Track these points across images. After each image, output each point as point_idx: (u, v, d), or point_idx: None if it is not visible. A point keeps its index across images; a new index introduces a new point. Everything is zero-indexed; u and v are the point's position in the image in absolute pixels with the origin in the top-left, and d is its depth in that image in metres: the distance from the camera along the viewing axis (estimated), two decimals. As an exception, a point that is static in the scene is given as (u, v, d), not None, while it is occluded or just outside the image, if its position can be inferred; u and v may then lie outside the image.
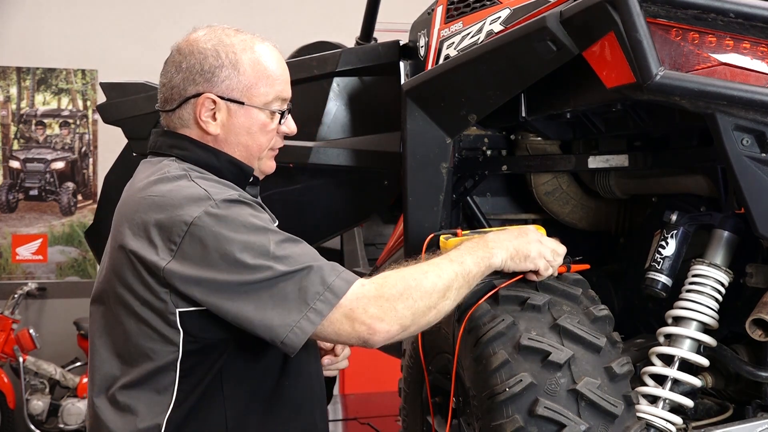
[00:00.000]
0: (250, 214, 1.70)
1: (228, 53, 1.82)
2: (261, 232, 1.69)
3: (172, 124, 1.87)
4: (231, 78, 1.82)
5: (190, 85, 1.83)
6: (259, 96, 1.84)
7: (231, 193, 1.73)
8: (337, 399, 4.55)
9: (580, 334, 1.87)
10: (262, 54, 1.85)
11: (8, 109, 5.70)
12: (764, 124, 1.78)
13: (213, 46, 1.83)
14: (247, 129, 1.85)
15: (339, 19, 5.33)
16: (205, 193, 1.71)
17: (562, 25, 1.94)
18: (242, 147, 1.86)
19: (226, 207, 1.69)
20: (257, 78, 1.84)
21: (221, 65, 1.82)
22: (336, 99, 2.98)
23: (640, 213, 2.59)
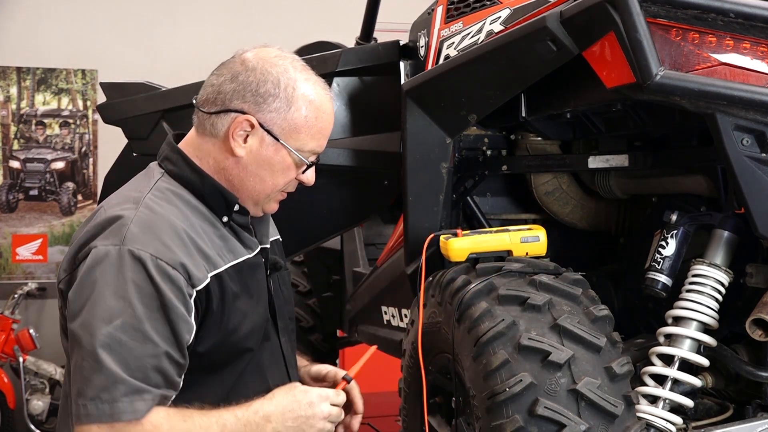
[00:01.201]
0: (132, 279, 1.64)
1: (288, 87, 1.77)
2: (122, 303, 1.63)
3: (201, 126, 1.82)
4: (280, 111, 1.77)
5: (237, 99, 1.77)
6: (297, 141, 1.79)
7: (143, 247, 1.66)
8: (337, 399, 4.54)
9: (580, 334, 1.87)
10: (320, 104, 1.80)
11: (8, 109, 5.70)
12: (764, 124, 1.78)
13: (277, 73, 1.78)
14: (271, 165, 1.81)
15: (339, 19, 5.33)
16: (124, 232, 1.68)
17: (562, 25, 1.94)
18: (259, 179, 1.82)
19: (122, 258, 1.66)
20: (304, 124, 1.79)
21: (276, 95, 1.77)
22: (336, 99, 2.98)
23: (640, 213, 2.59)
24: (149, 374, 1.63)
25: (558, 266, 2.10)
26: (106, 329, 1.61)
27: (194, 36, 5.68)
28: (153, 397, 1.64)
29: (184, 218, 1.75)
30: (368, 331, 3.29)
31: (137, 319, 1.63)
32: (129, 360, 1.62)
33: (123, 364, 1.61)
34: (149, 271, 1.65)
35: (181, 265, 1.68)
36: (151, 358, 1.63)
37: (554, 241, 2.35)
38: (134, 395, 1.61)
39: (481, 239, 2.19)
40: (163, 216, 1.72)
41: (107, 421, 1.61)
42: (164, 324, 1.65)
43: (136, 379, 1.62)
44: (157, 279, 1.65)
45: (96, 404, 1.60)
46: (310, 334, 3.91)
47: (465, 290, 2.01)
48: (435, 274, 2.22)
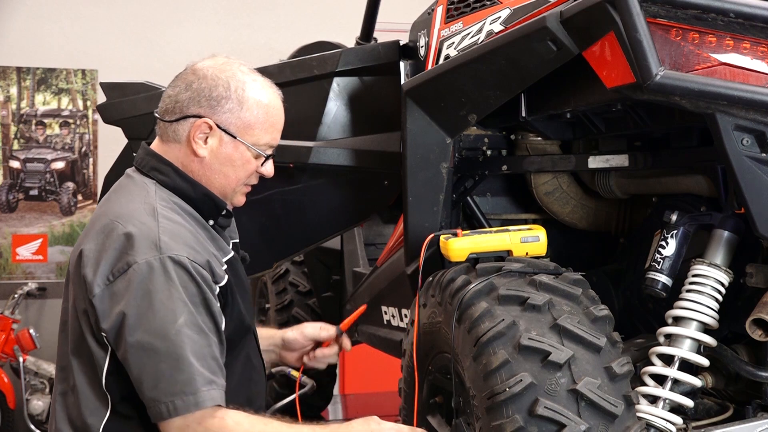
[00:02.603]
0: (179, 282, 1.82)
1: (238, 89, 1.96)
2: (179, 304, 1.81)
3: (165, 135, 1.99)
4: (233, 111, 1.95)
5: (194, 105, 1.95)
6: (252, 136, 1.98)
7: (180, 253, 1.84)
8: (337, 399, 4.56)
9: (580, 334, 1.87)
10: (269, 101, 2.00)
11: (8, 109, 5.70)
12: (764, 124, 1.78)
13: (227, 77, 1.96)
14: (232, 161, 1.98)
15: (339, 19, 5.33)
16: (158, 243, 1.83)
17: (562, 25, 1.94)
18: (223, 175, 2.00)
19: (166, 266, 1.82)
20: (256, 120, 1.97)
21: (228, 97, 1.95)
22: (336, 99, 2.98)
23: (640, 213, 2.59)
24: (211, 363, 1.83)
25: (558, 266, 2.10)
26: (175, 328, 1.80)
27: (194, 36, 5.68)
28: (219, 386, 1.83)
29: (189, 224, 1.94)
30: (368, 331, 3.30)
31: (193, 315, 1.82)
32: (198, 353, 1.81)
33: (196, 357, 1.80)
34: (190, 273, 1.84)
35: (207, 264, 1.89)
36: (208, 348, 1.83)
37: (554, 241, 2.35)
38: (210, 385, 1.81)
39: (481, 239, 2.19)
40: (179, 224, 1.91)
41: (194, 410, 1.79)
42: (208, 317, 1.85)
43: (206, 370, 1.81)
44: (197, 278, 1.85)
45: (181, 398, 1.78)
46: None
47: (465, 290, 2.01)
48: (435, 274, 2.22)
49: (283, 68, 3.05)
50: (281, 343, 2.40)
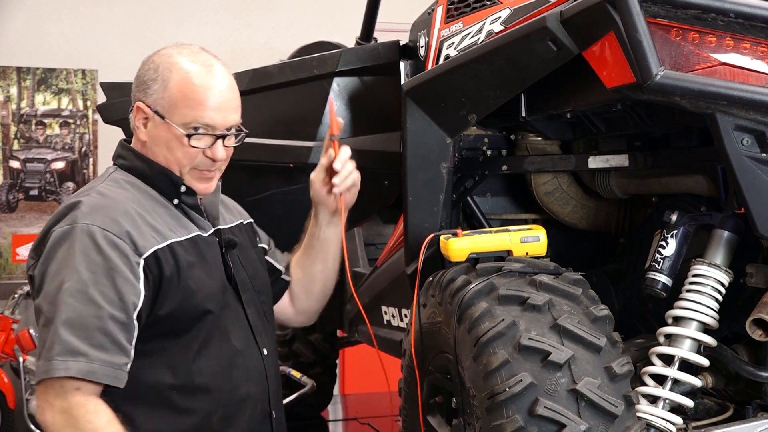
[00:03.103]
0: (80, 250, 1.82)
1: (164, 70, 1.98)
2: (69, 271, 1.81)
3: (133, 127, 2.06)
4: (158, 93, 1.97)
5: (136, 93, 2.03)
6: (177, 115, 1.97)
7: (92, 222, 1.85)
8: (337, 399, 4.55)
9: (581, 334, 1.87)
10: (196, 79, 1.97)
11: (8, 109, 5.70)
12: (764, 124, 1.78)
13: (159, 60, 2.00)
14: (166, 142, 1.99)
15: (339, 19, 5.33)
16: (76, 214, 1.87)
17: (562, 25, 1.94)
18: (162, 157, 2.01)
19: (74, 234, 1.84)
20: (180, 98, 1.96)
21: (155, 79, 1.98)
22: (336, 99, 2.98)
23: (640, 213, 2.59)
24: (93, 334, 1.78)
25: (558, 266, 2.10)
26: (59, 294, 1.79)
27: (194, 36, 5.67)
28: (89, 359, 1.77)
29: (135, 200, 1.95)
30: (368, 331, 3.29)
31: (82, 283, 1.79)
32: (74, 321, 1.77)
33: (69, 325, 1.77)
34: (97, 241, 1.83)
35: (126, 233, 1.86)
36: (94, 318, 1.78)
37: (554, 241, 2.35)
38: (67, 355, 1.76)
39: (481, 239, 2.19)
40: (113, 198, 1.93)
41: (43, 377, 1.78)
42: (111, 288, 1.81)
43: (77, 339, 1.76)
44: (104, 247, 1.83)
45: (40, 362, 1.78)
46: (310, 334, 3.91)
47: (465, 290, 2.01)
48: (435, 274, 2.22)
49: (283, 68, 3.05)
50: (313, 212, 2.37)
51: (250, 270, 2.19)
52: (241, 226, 2.29)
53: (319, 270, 2.43)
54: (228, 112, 2.01)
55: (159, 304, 1.89)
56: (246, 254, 2.21)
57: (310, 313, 2.53)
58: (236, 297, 2.09)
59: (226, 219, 2.20)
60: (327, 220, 2.36)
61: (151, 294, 1.88)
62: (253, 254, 2.27)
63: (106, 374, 1.78)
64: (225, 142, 2.03)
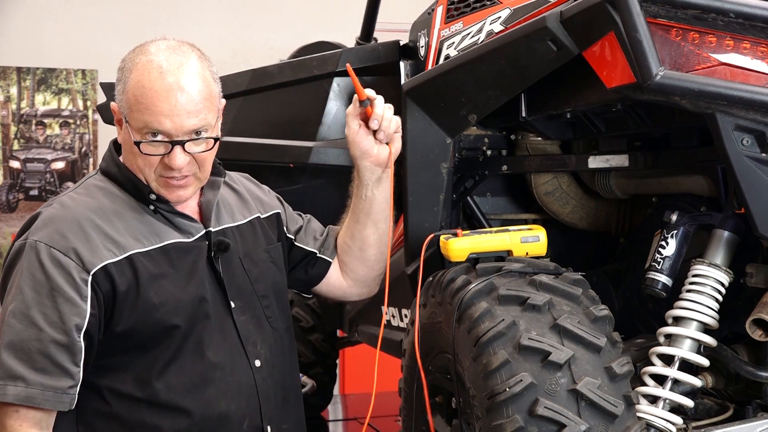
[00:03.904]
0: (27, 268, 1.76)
1: (126, 70, 1.86)
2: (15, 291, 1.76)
3: None
4: (120, 94, 1.87)
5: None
6: (132, 119, 1.84)
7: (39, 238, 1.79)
8: (337, 399, 4.55)
9: (581, 334, 1.87)
10: (147, 81, 1.82)
11: (8, 109, 5.70)
12: (764, 124, 1.78)
13: (129, 58, 1.89)
14: (129, 147, 1.88)
15: (339, 19, 5.33)
16: (30, 228, 1.82)
17: (562, 25, 1.94)
18: (129, 162, 1.91)
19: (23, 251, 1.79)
20: (134, 102, 1.83)
21: (121, 79, 1.87)
22: (336, 99, 2.98)
23: (640, 213, 2.59)
24: (34, 357, 1.71)
25: (558, 266, 2.10)
26: (5, 315, 1.74)
27: (194, 36, 5.63)
28: (27, 384, 1.71)
29: (97, 209, 1.85)
30: (368, 331, 3.29)
31: (25, 304, 1.74)
32: (15, 344, 1.72)
33: (11, 348, 1.72)
34: (41, 260, 1.76)
35: (72, 250, 1.78)
36: (35, 341, 1.72)
37: (554, 241, 2.35)
38: (7, 379, 1.71)
39: (481, 239, 2.19)
40: (70, 208, 1.84)
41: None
42: (53, 309, 1.74)
43: (18, 362, 1.71)
44: (47, 266, 1.76)
45: None
46: (310, 334, 3.90)
47: (465, 290, 2.01)
48: (435, 274, 2.22)
49: (283, 68, 3.05)
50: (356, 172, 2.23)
51: (253, 273, 2.05)
52: (254, 222, 2.13)
53: (371, 233, 2.25)
54: (183, 117, 1.82)
55: (115, 320, 1.80)
56: (251, 256, 2.06)
57: (369, 281, 2.34)
58: (223, 305, 1.96)
59: (230, 218, 2.05)
60: (373, 177, 2.19)
61: (101, 311, 1.79)
62: (263, 254, 2.11)
63: (45, 399, 1.72)
64: (187, 149, 1.84)
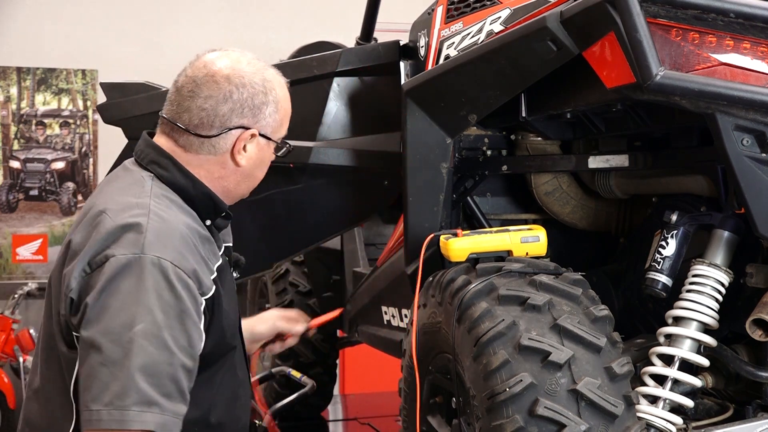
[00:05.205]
0: (153, 287, 1.66)
1: (272, 91, 1.87)
2: (143, 310, 1.64)
3: (193, 147, 1.84)
4: (272, 116, 1.87)
5: (236, 117, 1.83)
6: (282, 132, 1.92)
7: (163, 255, 1.69)
8: (337, 399, 4.55)
9: (581, 334, 1.87)
10: (287, 94, 1.94)
11: (8, 109, 5.70)
12: (764, 124, 1.78)
13: (261, 81, 1.86)
14: (265, 162, 1.93)
15: (339, 19, 5.33)
16: (142, 240, 1.68)
17: (562, 25, 1.94)
18: (254, 178, 1.93)
19: (142, 266, 1.67)
20: (284, 117, 1.92)
21: (267, 102, 1.86)
22: (336, 99, 2.98)
23: (640, 213, 2.59)
24: (164, 382, 1.64)
25: (558, 266, 2.10)
26: (128, 335, 1.62)
27: (195, 36, 5.68)
28: (162, 410, 1.63)
29: (185, 224, 1.78)
30: (368, 331, 3.30)
31: (156, 326, 1.64)
32: (149, 368, 1.62)
33: (143, 371, 1.62)
34: (170, 279, 1.67)
35: (194, 272, 1.71)
36: (167, 365, 1.64)
37: (554, 241, 2.35)
38: (144, 405, 1.61)
39: (481, 239, 2.19)
40: (171, 223, 1.74)
41: (115, 427, 1.60)
42: (182, 333, 1.67)
43: (151, 387, 1.62)
44: (177, 287, 1.67)
45: (109, 411, 1.60)
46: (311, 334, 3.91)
47: (465, 290, 2.01)
48: (435, 274, 2.22)
49: (283, 68, 3.04)
50: (249, 337, 2.29)
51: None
52: None
53: None
54: None
55: (204, 344, 1.76)
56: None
57: None
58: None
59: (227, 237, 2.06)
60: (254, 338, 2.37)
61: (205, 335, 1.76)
62: None
63: (175, 425, 1.66)
64: None
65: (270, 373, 3.53)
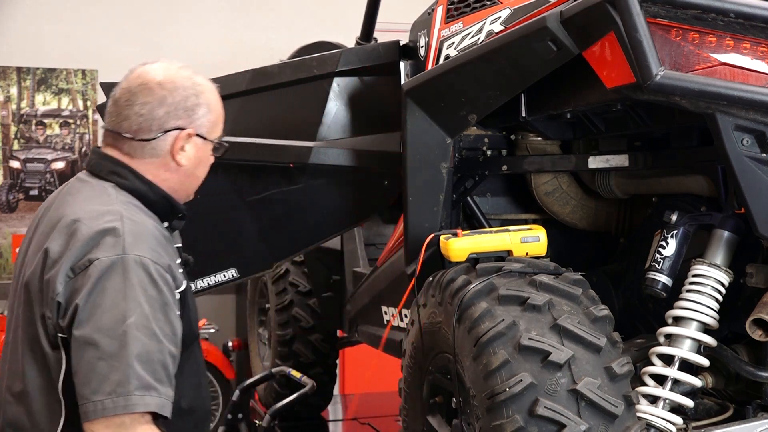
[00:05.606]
0: (138, 283, 1.79)
1: (202, 94, 1.99)
2: (133, 304, 1.76)
3: (135, 152, 1.96)
4: (205, 116, 1.98)
5: (172, 119, 1.95)
6: (217, 132, 2.03)
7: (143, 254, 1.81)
8: (337, 399, 4.55)
9: (581, 334, 1.87)
10: (218, 97, 2.06)
11: (8, 109, 5.70)
12: (764, 124, 1.79)
13: (192, 85, 1.98)
14: (204, 161, 2.03)
15: (339, 19, 5.33)
16: (122, 242, 1.81)
17: (562, 25, 1.95)
18: (195, 178, 2.04)
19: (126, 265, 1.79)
20: (218, 118, 2.03)
21: (199, 104, 1.97)
22: (336, 99, 2.98)
23: (640, 213, 2.59)
24: (157, 369, 1.76)
25: (558, 266, 2.10)
26: (123, 327, 1.74)
27: (194, 36, 5.68)
28: (159, 393, 1.76)
29: (153, 226, 1.92)
30: (368, 331, 3.30)
31: (146, 318, 1.77)
32: (143, 356, 1.75)
33: (139, 360, 1.74)
34: (152, 275, 1.80)
35: (169, 267, 1.86)
36: (158, 353, 1.77)
37: (554, 241, 2.35)
38: (144, 390, 1.73)
39: (481, 239, 2.19)
40: (143, 225, 1.88)
41: (121, 412, 1.72)
42: (166, 323, 1.81)
43: (147, 373, 1.74)
44: (159, 282, 1.81)
45: (113, 398, 1.72)
46: (310, 334, 3.91)
47: (465, 290, 2.01)
48: (435, 274, 2.22)
49: (283, 68, 3.05)
50: None
51: None
52: None
53: None
54: None
55: None
56: None
57: None
58: None
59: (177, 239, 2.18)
60: None
61: None
62: None
63: (169, 407, 1.78)
64: None
65: (270, 373, 3.53)
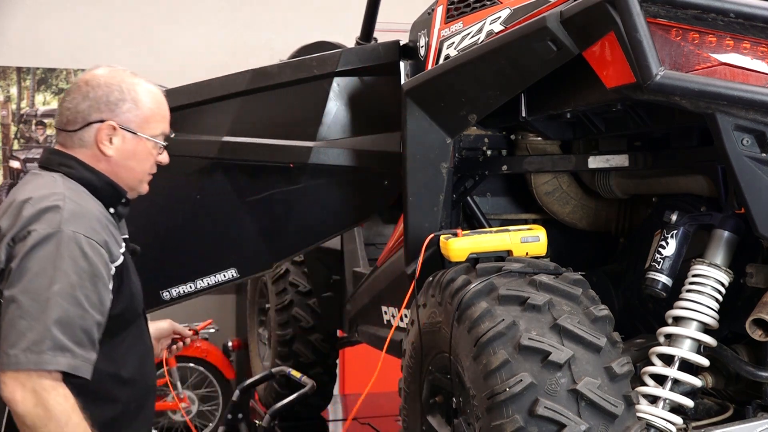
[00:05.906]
0: (69, 255, 1.96)
1: (130, 91, 2.16)
2: (59, 273, 1.94)
3: (68, 143, 2.15)
4: (132, 111, 2.14)
5: (94, 112, 2.12)
6: (150, 129, 2.17)
7: (77, 230, 1.99)
8: (337, 399, 4.55)
9: (581, 334, 1.87)
10: (157, 96, 2.22)
11: (8, 109, 5.70)
12: (764, 124, 1.79)
13: (118, 83, 2.16)
14: (136, 155, 2.17)
15: (339, 19, 5.33)
16: (59, 219, 1.99)
17: (562, 25, 1.95)
18: (128, 169, 2.18)
19: (60, 239, 1.97)
20: (152, 114, 2.17)
21: (124, 99, 2.14)
22: (336, 99, 2.98)
23: (640, 213, 2.59)
24: (77, 332, 1.94)
25: (558, 266, 2.10)
26: (46, 294, 1.92)
27: (194, 36, 5.68)
28: (74, 356, 1.93)
29: (97, 210, 2.11)
30: (368, 331, 3.30)
31: (71, 286, 1.95)
32: (63, 321, 1.92)
33: (59, 324, 1.92)
34: (84, 249, 1.99)
35: (105, 243, 2.04)
36: (80, 319, 1.95)
37: (554, 241, 2.35)
38: (57, 351, 1.91)
39: (481, 239, 2.19)
40: (85, 207, 2.07)
41: (31, 368, 1.89)
42: (93, 292, 1.99)
43: (65, 336, 1.92)
44: (90, 254, 1.99)
45: (26, 354, 1.89)
46: (310, 334, 3.91)
47: (465, 290, 2.01)
48: (435, 274, 2.22)
49: (283, 68, 3.05)
50: (155, 332, 2.55)
51: None
52: None
53: None
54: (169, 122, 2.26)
55: (114, 305, 2.07)
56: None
57: None
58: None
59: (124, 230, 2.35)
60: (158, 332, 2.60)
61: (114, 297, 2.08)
62: None
63: (86, 369, 1.95)
64: None
65: (270, 373, 3.53)
